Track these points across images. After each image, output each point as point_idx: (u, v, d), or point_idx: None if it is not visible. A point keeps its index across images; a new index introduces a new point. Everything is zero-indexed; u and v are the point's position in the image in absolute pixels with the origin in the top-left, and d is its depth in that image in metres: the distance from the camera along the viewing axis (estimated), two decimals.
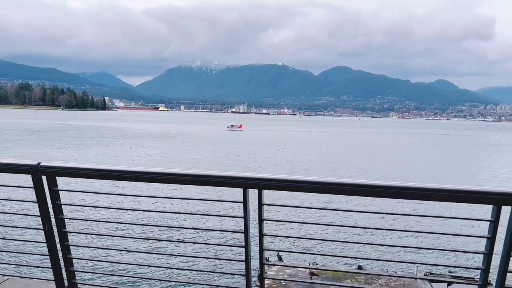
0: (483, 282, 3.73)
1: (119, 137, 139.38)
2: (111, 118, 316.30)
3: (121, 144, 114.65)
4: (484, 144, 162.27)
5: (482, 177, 74.92)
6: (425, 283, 27.89)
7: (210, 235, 32.48)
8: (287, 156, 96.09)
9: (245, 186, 3.91)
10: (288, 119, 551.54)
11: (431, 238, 35.13)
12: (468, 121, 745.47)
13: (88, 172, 4.33)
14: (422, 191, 3.59)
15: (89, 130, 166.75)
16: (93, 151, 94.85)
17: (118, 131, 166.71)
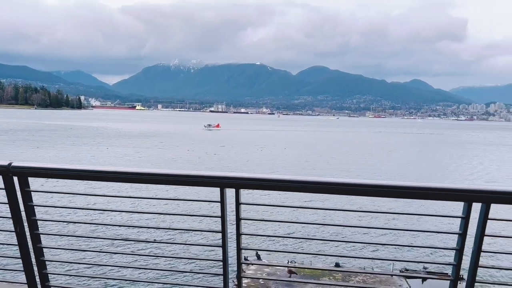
0: (455, 277, 3.82)
1: (95, 136, 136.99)
2: (86, 117, 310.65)
3: (97, 143, 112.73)
4: (457, 143, 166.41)
5: (455, 175, 76.82)
6: (400, 279, 28.45)
7: (187, 235, 32.25)
8: (266, 156, 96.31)
9: (222, 185, 3.88)
10: (267, 118, 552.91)
11: (406, 235, 35.83)
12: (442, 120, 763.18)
13: (61, 172, 4.23)
14: (397, 189, 3.65)
15: (64, 129, 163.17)
16: (68, 151, 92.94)
17: (94, 131, 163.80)
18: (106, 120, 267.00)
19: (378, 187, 3.68)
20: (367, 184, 3.69)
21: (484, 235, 3.65)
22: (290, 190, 3.90)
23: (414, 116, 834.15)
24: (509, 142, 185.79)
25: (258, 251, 28.93)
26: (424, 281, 25.80)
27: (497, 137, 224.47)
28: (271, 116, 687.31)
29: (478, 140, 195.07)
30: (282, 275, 27.84)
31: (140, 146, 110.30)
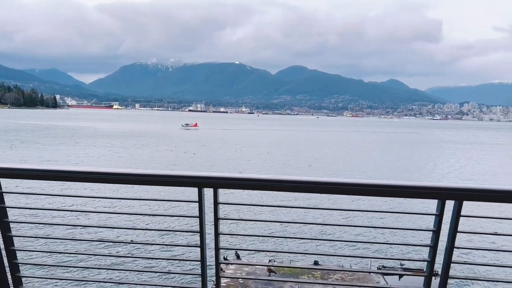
0: (429, 273, 3.90)
1: (71, 136, 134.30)
2: (62, 116, 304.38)
3: (73, 143, 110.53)
4: (433, 142, 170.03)
5: (431, 173, 78.48)
6: (378, 276, 28.88)
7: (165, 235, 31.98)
8: (245, 155, 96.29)
9: (200, 185, 3.86)
10: (246, 117, 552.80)
11: (383, 233, 36.43)
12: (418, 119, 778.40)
13: (34, 173, 4.13)
14: (374, 187, 3.71)
15: (39, 129, 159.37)
16: (43, 151, 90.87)
17: (70, 130, 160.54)
18: (82, 120, 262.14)
19: (355, 186, 3.73)
20: (344, 183, 3.74)
21: (457, 231, 3.75)
22: (269, 190, 3.91)
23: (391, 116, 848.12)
24: (482, 140, 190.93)
25: (237, 251, 28.95)
26: (401, 278, 26.19)
27: (471, 136, 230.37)
28: (250, 116, 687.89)
29: (453, 139, 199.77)
30: (262, 274, 27.91)
31: (117, 146, 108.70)
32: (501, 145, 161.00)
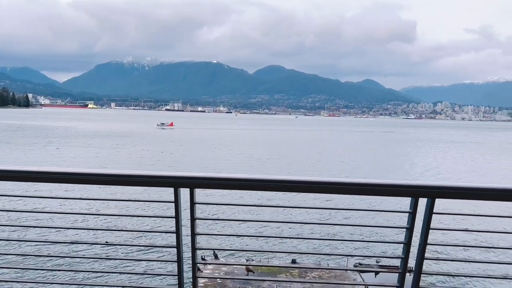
0: (403, 270, 3.98)
1: (45, 136, 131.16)
2: (35, 116, 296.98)
3: (46, 143, 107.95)
4: (408, 141, 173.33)
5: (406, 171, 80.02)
6: (355, 274, 29.23)
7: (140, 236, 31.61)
8: (223, 155, 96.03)
9: (176, 185, 3.83)
10: (224, 117, 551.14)
11: (359, 231, 36.97)
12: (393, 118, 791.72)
13: (5, 174, 4.01)
14: (349, 186, 3.75)
15: (10, 129, 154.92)
16: (15, 151, 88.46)
17: (44, 130, 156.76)
18: (56, 119, 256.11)
19: (331, 184, 3.77)
20: (320, 182, 3.77)
21: (430, 228, 3.83)
22: (246, 189, 3.91)
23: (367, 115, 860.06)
24: (455, 139, 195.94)
25: (215, 251, 28.84)
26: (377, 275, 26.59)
27: (445, 135, 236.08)
28: (228, 115, 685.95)
29: (428, 137, 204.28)
30: (240, 273, 27.88)
31: (92, 146, 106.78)
32: (473, 144, 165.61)
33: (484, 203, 4.42)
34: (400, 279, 4.02)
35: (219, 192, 39.44)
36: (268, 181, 3.80)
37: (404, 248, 3.93)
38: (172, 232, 4.02)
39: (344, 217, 41.99)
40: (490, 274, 28.17)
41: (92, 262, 27.16)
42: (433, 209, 3.74)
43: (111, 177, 3.88)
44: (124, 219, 36.82)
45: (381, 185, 3.72)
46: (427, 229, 3.81)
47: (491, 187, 3.70)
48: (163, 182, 3.84)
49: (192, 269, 4.17)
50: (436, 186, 3.71)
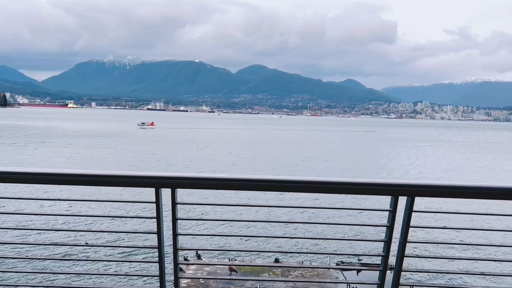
0: (384, 267, 4.02)
1: (23, 136, 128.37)
2: (13, 115, 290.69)
3: (24, 143, 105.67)
4: (389, 140, 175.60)
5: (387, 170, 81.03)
6: (337, 272, 29.52)
7: (121, 237, 31.25)
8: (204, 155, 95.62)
9: (157, 185, 3.79)
10: (207, 116, 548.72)
11: (342, 229, 37.27)
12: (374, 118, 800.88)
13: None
14: (331, 185, 3.78)
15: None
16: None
17: (21, 130, 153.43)
18: (34, 119, 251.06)
19: (314, 184, 3.80)
20: (303, 181, 3.79)
21: (409, 226, 3.88)
22: (228, 189, 3.89)
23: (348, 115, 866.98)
24: (435, 138, 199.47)
25: (198, 251, 28.71)
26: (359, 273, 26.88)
27: (425, 134, 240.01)
28: (211, 114, 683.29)
29: (408, 137, 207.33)
30: (223, 273, 27.83)
31: (72, 146, 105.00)
32: (452, 143, 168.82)
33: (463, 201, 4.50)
34: (381, 277, 4.06)
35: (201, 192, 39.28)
36: (251, 180, 3.80)
37: (384, 246, 3.98)
38: (154, 233, 3.99)
39: (327, 216, 42.30)
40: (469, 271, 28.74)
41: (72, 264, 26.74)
42: (412, 207, 3.79)
43: (91, 177, 3.83)
44: (105, 220, 36.35)
45: (362, 184, 3.76)
46: (407, 227, 3.86)
47: (469, 186, 3.77)
48: (144, 183, 3.80)
49: (174, 269, 4.14)
50: (416, 184, 3.76)
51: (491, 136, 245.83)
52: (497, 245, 4.57)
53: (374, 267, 15.85)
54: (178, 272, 4.20)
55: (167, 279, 4.16)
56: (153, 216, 3.94)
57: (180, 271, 4.24)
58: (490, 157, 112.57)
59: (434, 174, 77.81)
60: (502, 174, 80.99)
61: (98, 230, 6.56)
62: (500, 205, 37.19)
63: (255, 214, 42.30)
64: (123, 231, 5.20)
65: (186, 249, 4.51)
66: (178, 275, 4.22)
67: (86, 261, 29.06)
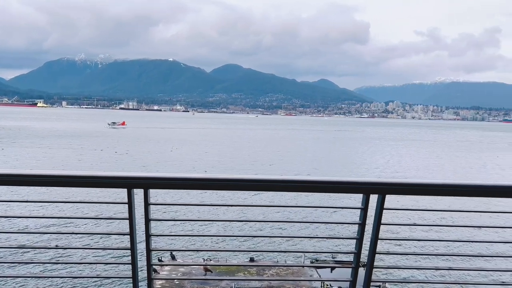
0: (356, 264, 4.08)
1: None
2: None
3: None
4: (361, 139, 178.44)
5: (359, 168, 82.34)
6: (311, 270, 29.81)
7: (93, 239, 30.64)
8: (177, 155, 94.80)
9: (129, 186, 3.72)
10: (181, 116, 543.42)
11: (316, 228, 37.62)
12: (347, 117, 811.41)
13: None
14: (304, 183, 3.82)
15: None
16: None
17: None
18: (2, 118, 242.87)
19: (288, 182, 3.82)
20: (276, 180, 3.81)
21: (381, 224, 3.95)
22: (201, 189, 3.87)
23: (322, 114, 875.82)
24: (407, 137, 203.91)
25: (172, 252, 28.44)
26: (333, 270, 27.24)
27: (397, 133, 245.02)
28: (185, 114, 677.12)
29: (381, 136, 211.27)
30: (198, 274, 27.68)
31: (41, 146, 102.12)
32: (423, 142, 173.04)
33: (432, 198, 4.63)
34: (353, 274, 4.12)
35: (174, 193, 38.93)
36: (224, 180, 3.79)
37: (357, 243, 4.04)
38: (126, 234, 3.93)
39: (301, 215, 42.66)
40: (438, 266, 29.48)
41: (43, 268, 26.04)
42: (383, 205, 3.86)
43: (61, 178, 3.75)
44: (75, 221, 35.56)
45: (335, 182, 3.81)
46: (378, 224, 3.93)
47: (438, 183, 3.87)
48: (116, 183, 3.74)
49: (147, 271, 4.09)
50: (386, 182, 3.83)
51: (460, 135, 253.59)
52: (466, 241, 4.71)
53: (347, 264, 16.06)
54: (151, 274, 4.15)
55: (140, 281, 4.11)
56: (125, 217, 3.88)
57: (154, 272, 4.20)
58: (460, 155, 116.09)
59: (406, 172, 79.55)
60: (471, 172, 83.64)
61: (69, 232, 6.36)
62: (469, 202, 38.40)
63: (229, 214, 42.21)
64: (95, 233, 5.12)
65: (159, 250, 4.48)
66: (152, 276, 4.17)
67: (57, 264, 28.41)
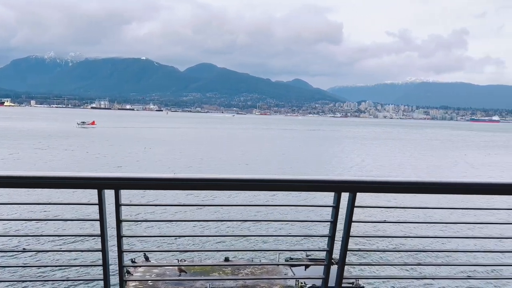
0: (328, 262, 4.15)
1: None
2: None
3: None
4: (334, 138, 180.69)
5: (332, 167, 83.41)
6: (286, 268, 29.97)
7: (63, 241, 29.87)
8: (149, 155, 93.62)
9: (100, 186, 3.67)
10: (154, 115, 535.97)
11: (289, 226, 37.84)
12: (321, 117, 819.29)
13: None
14: (277, 182, 3.85)
15: None
16: None
17: None
18: None
19: (261, 182, 3.85)
20: (248, 179, 3.83)
21: (352, 221, 4.03)
22: (174, 189, 3.86)
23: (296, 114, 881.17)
24: (379, 136, 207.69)
25: (146, 253, 28.07)
26: (307, 268, 27.47)
27: (370, 132, 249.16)
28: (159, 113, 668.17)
29: (353, 135, 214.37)
30: (172, 274, 27.43)
31: (6, 147, 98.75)
32: (395, 140, 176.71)
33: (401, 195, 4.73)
34: (326, 271, 4.18)
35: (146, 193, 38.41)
36: (197, 180, 3.79)
37: (329, 241, 4.10)
38: (97, 236, 3.87)
39: (275, 213, 42.84)
40: (407, 262, 30.26)
41: (9, 272, 25.22)
42: (354, 203, 3.94)
43: (29, 179, 3.68)
44: (45, 223, 34.54)
45: (307, 181, 3.86)
46: (349, 222, 4.00)
47: (407, 181, 3.98)
48: (86, 184, 3.69)
49: (119, 272, 4.05)
50: (357, 181, 3.91)
51: (430, 134, 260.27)
52: (434, 237, 4.85)
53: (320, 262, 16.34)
54: (124, 275, 4.10)
55: (112, 283, 4.06)
56: (96, 219, 3.82)
57: (128, 273, 4.16)
58: (430, 154, 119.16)
59: (379, 171, 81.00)
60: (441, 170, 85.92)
61: (38, 235, 6.19)
62: (438, 199, 39.46)
63: (203, 214, 41.91)
64: (65, 235, 5.03)
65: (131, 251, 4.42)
66: (124, 278, 4.12)
67: (25, 268, 27.59)
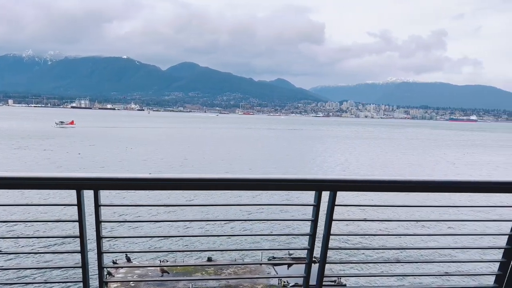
0: (309, 261, 4.18)
1: None
2: None
3: None
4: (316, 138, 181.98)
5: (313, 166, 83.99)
6: (269, 267, 30.07)
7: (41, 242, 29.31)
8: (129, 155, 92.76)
9: (78, 187, 3.64)
10: (135, 115, 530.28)
11: (271, 225, 38.00)
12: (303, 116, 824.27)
13: None
14: (259, 182, 3.84)
15: None
16: None
17: None
18: None
19: (242, 181, 3.85)
20: (230, 179, 3.83)
21: (332, 220, 4.07)
22: (154, 189, 3.84)
23: (279, 113, 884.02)
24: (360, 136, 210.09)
25: (127, 254, 27.78)
26: (290, 267, 27.62)
27: (352, 132, 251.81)
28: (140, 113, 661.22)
29: (335, 134, 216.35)
30: (154, 275, 27.23)
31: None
32: (377, 140, 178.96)
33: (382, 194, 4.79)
34: (307, 270, 4.21)
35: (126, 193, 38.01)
36: (179, 180, 3.77)
37: (309, 239, 4.13)
38: (76, 237, 3.82)
39: (257, 213, 42.94)
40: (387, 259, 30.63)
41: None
42: (335, 202, 3.97)
43: (6, 180, 3.61)
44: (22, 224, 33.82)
45: (288, 180, 3.87)
46: (330, 220, 4.04)
47: (388, 179, 4.04)
48: (64, 184, 3.65)
49: (99, 274, 4.00)
50: (338, 179, 3.95)
51: (411, 133, 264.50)
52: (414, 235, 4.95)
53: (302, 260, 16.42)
54: (104, 277, 4.06)
55: (91, 284, 4.01)
56: (75, 220, 3.78)
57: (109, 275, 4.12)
58: (411, 153, 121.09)
59: (360, 170, 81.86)
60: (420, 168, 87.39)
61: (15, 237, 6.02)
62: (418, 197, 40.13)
63: (184, 214, 41.72)
64: (43, 236, 4.94)
65: (111, 252, 4.37)
66: (104, 279, 4.07)
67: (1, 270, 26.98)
